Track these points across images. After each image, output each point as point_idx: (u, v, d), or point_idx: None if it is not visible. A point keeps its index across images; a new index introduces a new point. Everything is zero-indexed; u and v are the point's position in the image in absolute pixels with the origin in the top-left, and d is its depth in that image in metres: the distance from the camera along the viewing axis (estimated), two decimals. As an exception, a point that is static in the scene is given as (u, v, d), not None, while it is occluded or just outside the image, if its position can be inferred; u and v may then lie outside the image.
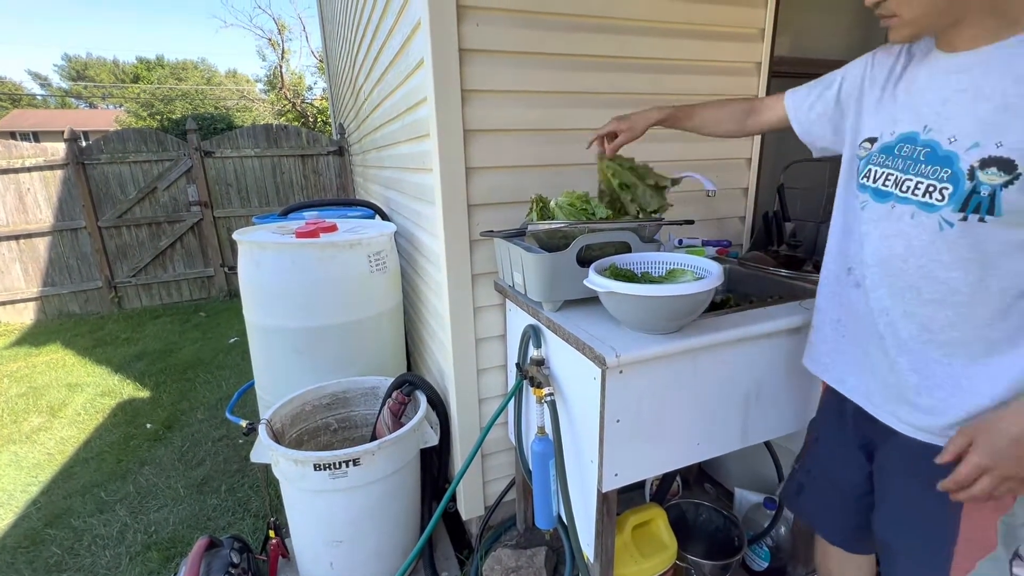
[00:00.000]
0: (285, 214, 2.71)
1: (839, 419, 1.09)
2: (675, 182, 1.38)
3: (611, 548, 1.22)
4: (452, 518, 2.04)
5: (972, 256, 0.78)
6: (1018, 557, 0.87)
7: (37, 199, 4.99)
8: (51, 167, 4.97)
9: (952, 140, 0.78)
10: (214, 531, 2.12)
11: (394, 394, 1.83)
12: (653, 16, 1.61)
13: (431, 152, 1.54)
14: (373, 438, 1.89)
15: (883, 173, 0.89)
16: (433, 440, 1.73)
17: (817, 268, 1.66)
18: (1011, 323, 0.79)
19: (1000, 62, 0.75)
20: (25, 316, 5.16)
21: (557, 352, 1.28)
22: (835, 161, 1.11)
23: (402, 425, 1.84)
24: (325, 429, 1.95)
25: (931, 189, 0.80)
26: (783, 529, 1.61)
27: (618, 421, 1.10)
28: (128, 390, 3.52)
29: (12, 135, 20.11)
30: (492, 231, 1.43)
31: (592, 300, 1.32)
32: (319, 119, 16.64)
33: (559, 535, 1.52)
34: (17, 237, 4.97)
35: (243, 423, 2.27)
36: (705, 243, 1.81)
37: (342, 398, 1.96)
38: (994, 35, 0.76)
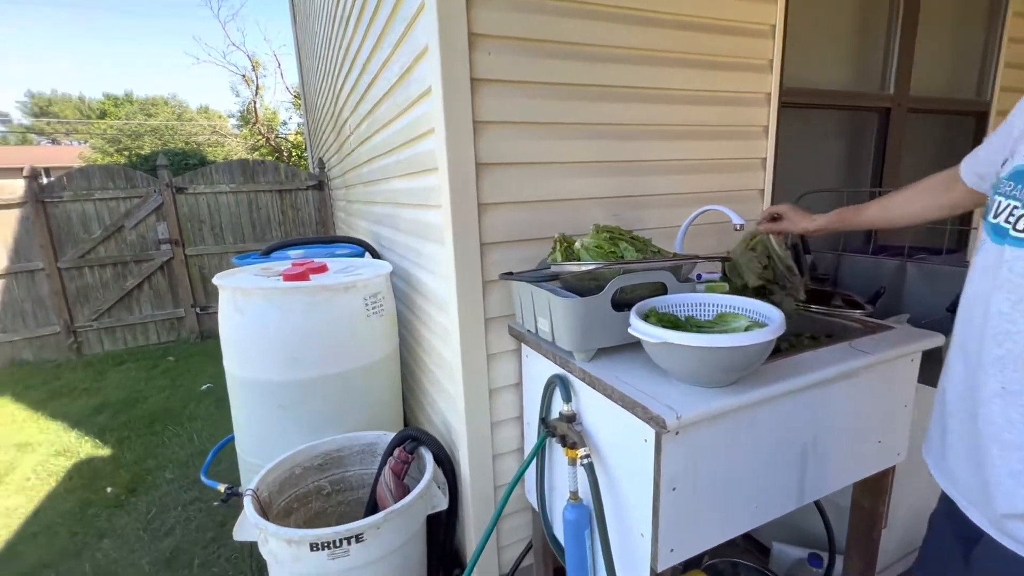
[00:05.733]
0: (267, 253, 2.53)
1: (946, 518, 0.91)
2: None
3: (665, 635, 1.06)
4: (459, 587, 1.83)
5: None
6: None
7: (-10, 240, 4.66)
8: (7, 206, 4.67)
9: None
10: (185, 617, 1.85)
11: (396, 452, 1.64)
12: (664, 46, 1.56)
13: (438, 188, 1.42)
14: (371, 501, 1.69)
15: (1006, 205, 0.73)
16: (443, 504, 1.55)
17: (847, 303, 1.59)
18: None
19: None
20: (-29, 367, 4.73)
21: (593, 407, 1.14)
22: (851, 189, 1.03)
23: (405, 486, 1.65)
24: (317, 493, 1.74)
25: None
26: (832, 589, 1.47)
27: (674, 489, 0.96)
28: (86, 448, 3.20)
29: (-33, 172, 19.26)
30: (511, 273, 1.31)
31: (627, 347, 1.20)
32: (294, 153, 16.48)
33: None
34: (-34, 281, 4.60)
35: (221, 487, 2.03)
36: (724, 278, 1.72)
37: (336, 457, 1.76)
38: None
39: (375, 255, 2.57)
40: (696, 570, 1.37)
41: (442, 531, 1.69)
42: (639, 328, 0.97)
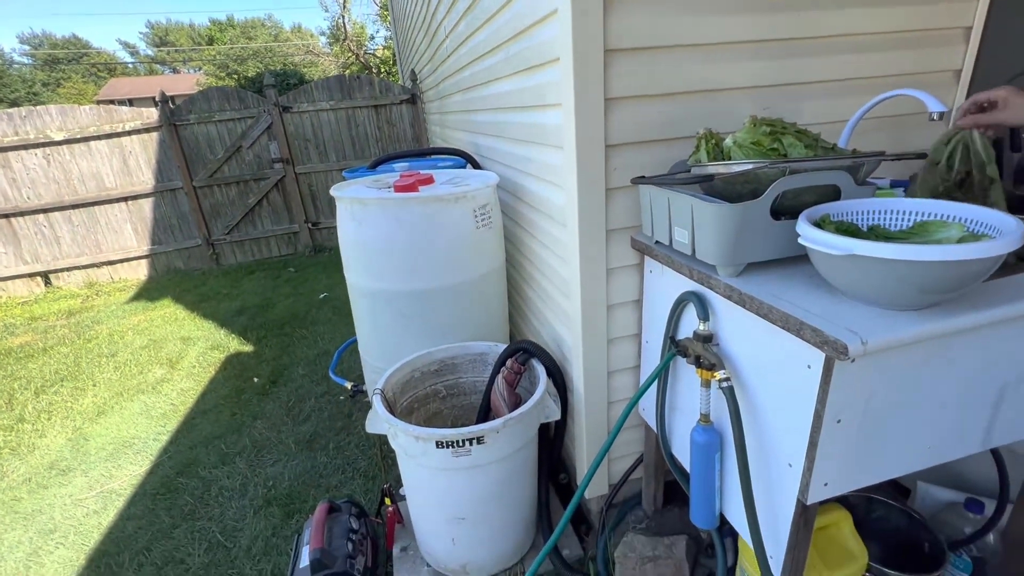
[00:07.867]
0: (374, 167, 2.56)
1: None
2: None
3: (803, 565, 1.01)
4: (566, 490, 1.91)
5: None
6: None
7: (139, 162, 5.25)
8: (148, 129, 5.17)
9: None
10: (326, 490, 2.14)
11: (508, 362, 1.67)
12: None
13: (558, 83, 1.27)
14: (484, 406, 1.77)
15: None
16: (555, 415, 1.57)
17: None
18: None
19: None
20: (139, 272, 5.58)
21: (736, 328, 1.03)
22: None
23: (518, 395, 1.69)
24: (434, 396, 1.85)
25: None
26: (991, 537, 1.32)
27: (839, 421, 0.85)
28: (234, 344, 3.69)
29: (111, 102, 21.75)
30: (643, 177, 1.17)
31: (778, 262, 1.04)
32: (382, 69, 16.42)
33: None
34: (126, 199, 5.29)
35: (347, 384, 2.24)
36: (894, 184, 1.43)
37: (450, 364, 1.84)
38: None
39: (476, 166, 2.50)
40: (835, 503, 1.28)
41: (551, 439, 1.74)
42: (814, 237, 0.81)
